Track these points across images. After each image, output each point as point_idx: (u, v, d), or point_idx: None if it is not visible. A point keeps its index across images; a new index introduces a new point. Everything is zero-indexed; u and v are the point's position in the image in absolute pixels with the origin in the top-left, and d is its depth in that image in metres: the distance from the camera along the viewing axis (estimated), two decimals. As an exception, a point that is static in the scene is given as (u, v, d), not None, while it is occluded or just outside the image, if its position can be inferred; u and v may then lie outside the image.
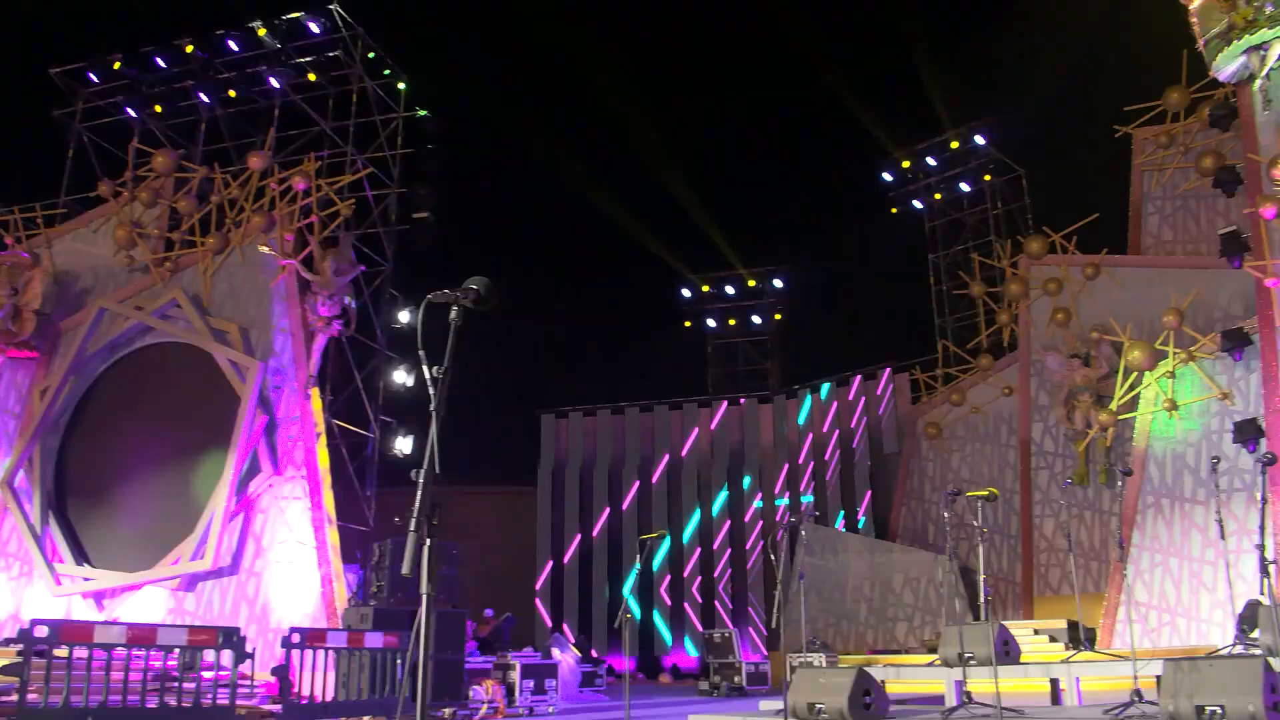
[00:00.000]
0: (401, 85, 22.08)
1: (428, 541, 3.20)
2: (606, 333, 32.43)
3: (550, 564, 26.61)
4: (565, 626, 25.34)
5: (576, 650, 17.68)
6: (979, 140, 26.09)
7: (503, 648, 16.06)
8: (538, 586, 26.42)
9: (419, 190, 21.93)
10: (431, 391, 3.39)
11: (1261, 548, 7.14)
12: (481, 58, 30.99)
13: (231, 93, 22.02)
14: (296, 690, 10.47)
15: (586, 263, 33.16)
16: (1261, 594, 7.00)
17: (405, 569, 3.13)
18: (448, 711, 12.16)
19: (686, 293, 30.50)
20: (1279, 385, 15.11)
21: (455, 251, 26.23)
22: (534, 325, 30.12)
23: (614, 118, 31.90)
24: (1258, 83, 15.89)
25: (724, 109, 33.39)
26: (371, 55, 21.76)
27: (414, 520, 3.20)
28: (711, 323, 30.54)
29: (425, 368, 3.43)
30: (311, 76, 21.69)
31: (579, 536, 26.78)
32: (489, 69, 30.42)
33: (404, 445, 21.60)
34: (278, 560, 16.42)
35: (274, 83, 21.55)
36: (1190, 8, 16.31)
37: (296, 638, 10.55)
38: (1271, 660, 7.06)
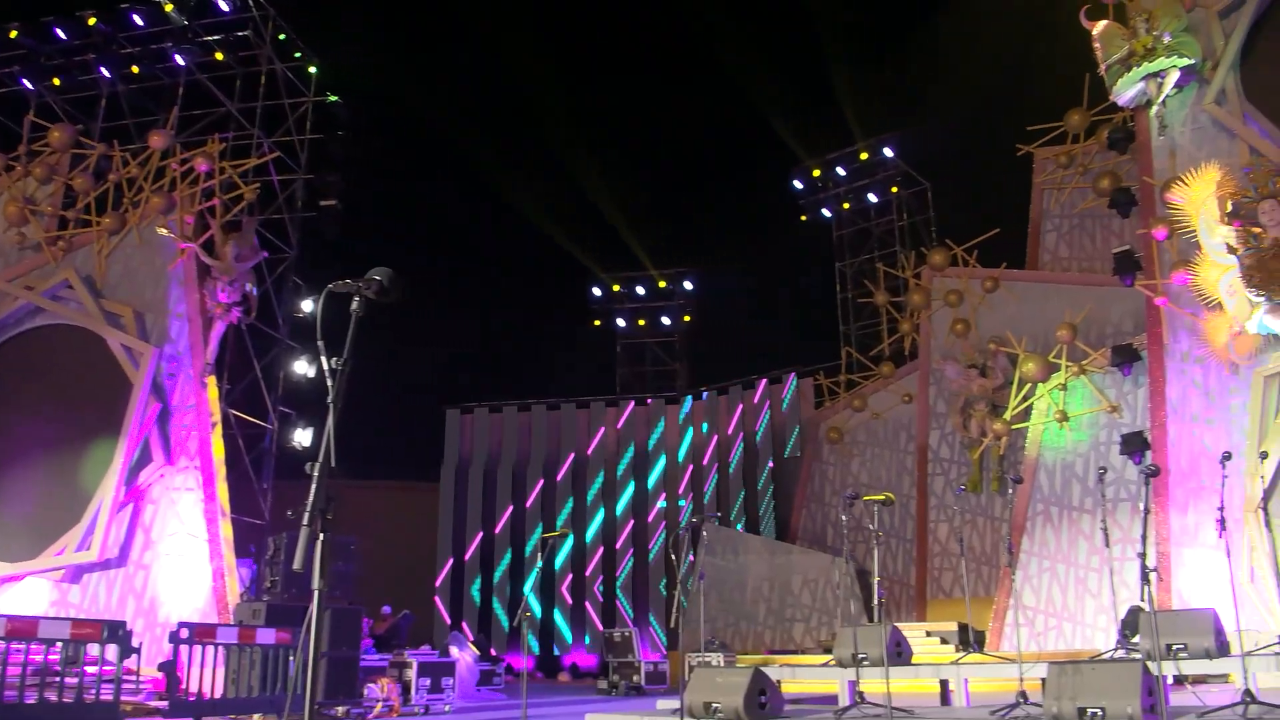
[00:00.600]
0: (312, 69, 21.60)
1: (321, 536, 3.12)
2: (515, 329, 32.30)
3: (451, 561, 26.33)
4: (464, 624, 25.10)
5: (475, 648, 17.51)
6: (888, 153, 26.67)
7: (400, 645, 15.82)
8: (437, 584, 26.11)
9: (327, 177, 21.48)
10: (330, 383, 3.31)
11: (1143, 556, 7.40)
12: (397, 45, 30.52)
13: (134, 68, 21.25)
14: (184, 687, 10.17)
15: (497, 258, 32.95)
16: (1142, 600, 7.26)
17: (297, 564, 3.05)
18: (341, 710, 11.93)
19: (597, 291, 30.50)
20: (1165, 400, 15.72)
21: (362, 241, 25.83)
22: (442, 319, 29.81)
23: (532, 114, 31.80)
24: (1154, 109, 16.52)
25: (642, 110, 33.52)
26: (282, 37, 21.23)
27: (308, 514, 3.11)
28: (621, 322, 30.59)
29: (324, 359, 3.34)
30: (219, 56, 21.05)
31: (480, 534, 26.55)
32: (405, 57, 29.97)
33: (303, 437, 21.14)
34: (168, 553, 15.92)
35: (179, 60, 20.87)
36: (1094, 33, 16.88)
37: (185, 633, 10.25)
38: (1150, 664, 7.33)
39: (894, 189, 26.99)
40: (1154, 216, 16.20)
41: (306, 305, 21.15)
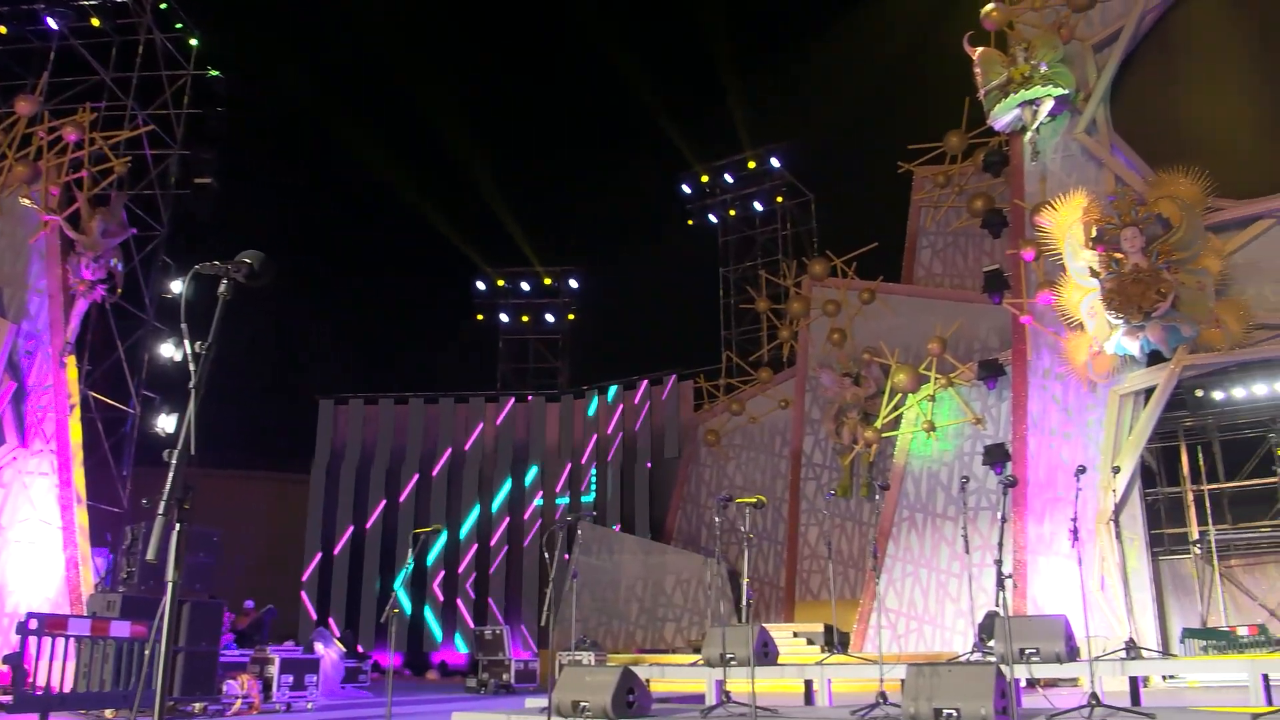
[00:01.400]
0: (194, 41, 20.80)
1: (178, 526, 2.99)
2: (395, 320, 31.70)
3: (319, 555, 25.70)
4: (331, 621, 24.53)
5: (341, 645, 17.13)
6: (775, 163, 27.15)
7: (262, 641, 15.35)
8: (304, 579, 25.47)
9: (202, 154, 20.71)
10: (192, 368, 3.18)
11: (999, 563, 7.69)
12: (282, 24, 29.61)
13: (1, 29, 20.10)
14: (32, 680, 9.68)
15: (379, 247, 32.28)
16: (998, 606, 7.54)
17: (151, 554, 2.92)
18: (198, 706, 11.52)
19: (481, 285, 30.19)
20: (1026, 414, 16.40)
21: (237, 222, 24.98)
22: (318, 307, 29.10)
23: (419, 102, 31.22)
24: (1028, 135, 17.24)
25: (533, 106, 33.36)
26: (164, 5, 20.39)
27: (163, 503, 2.98)
28: (504, 318, 30.36)
29: (187, 342, 3.21)
30: (95, 21, 20.06)
31: (351, 528, 25.99)
32: (290, 36, 29.12)
33: (166, 423, 20.33)
34: (18, 540, 15.11)
35: (51, 23, 19.81)
36: (975, 59, 17.51)
37: (34, 624, 9.78)
38: (1004, 668, 7.61)
39: (779, 199, 27.49)
40: (1023, 238, 16.90)
41: (175, 286, 20.35)
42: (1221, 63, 16.00)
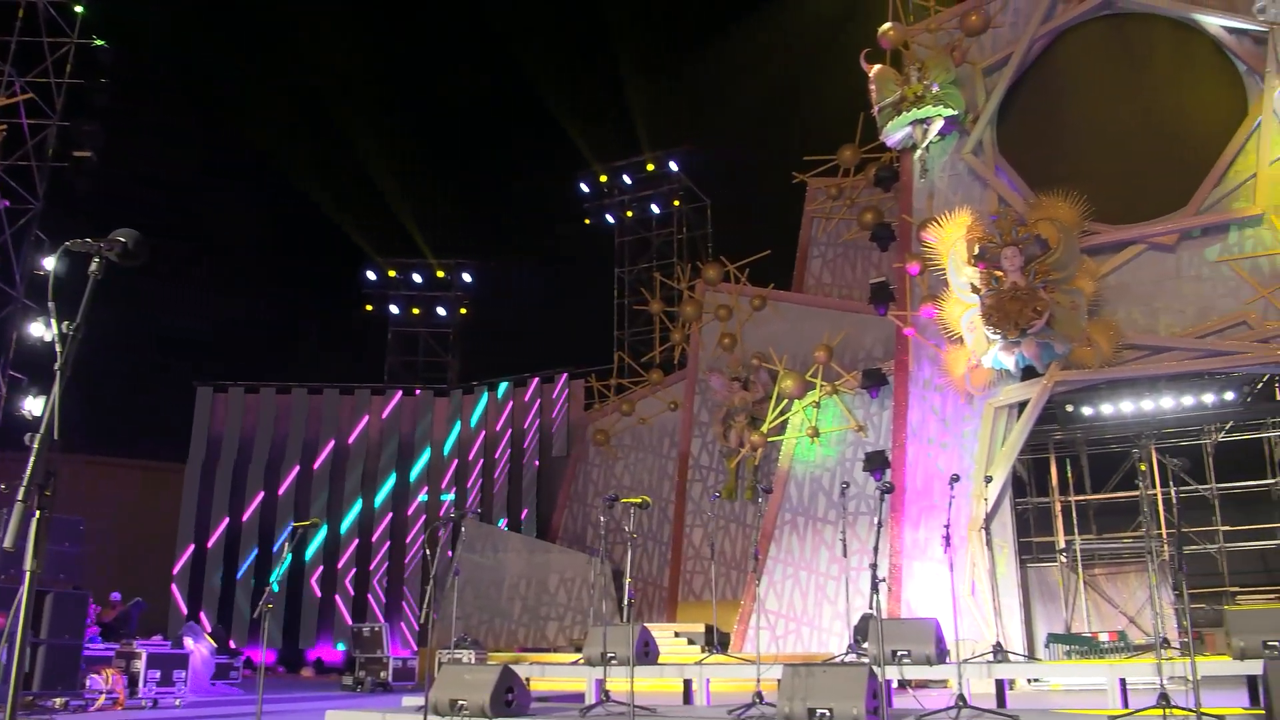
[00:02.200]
0: (79, 8, 19.90)
1: (38, 514, 2.86)
2: (279, 307, 30.88)
3: (192, 547, 24.87)
4: (203, 615, 23.78)
5: (212, 640, 16.62)
6: (673, 166, 27.35)
7: (129, 634, 14.81)
8: (175, 571, 24.62)
9: (83, 126, 19.79)
10: (59, 349, 3.05)
11: (875, 567, 7.88)
12: (173, -3, 28.59)
13: None
14: None
15: (266, 230, 31.41)
16: (872, 608, 7.74)
17: (8, 542, 2.79)
18: (59, 701, 11.05)
19: (371, 275, 29.57)
20: (906, 423, 16.88)
21: (117, 199, 24.00)
22: (200, 290, 28.15)
23: (315, 85, 30.50)
24: (918, 152, 17.76)
25: (432, 97, 32.90)
26: (48, -32, 19.49)
27: (23, 489, 2.85)
28: (394, 309, 29.81)
29: (55, 322, 3.07)
30: (-31, -19, 19.09)
31: (226, 520, 25.22)
32: (183, 10, 28.08)
33: (34, 406, 19.40)
34: None
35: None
36: (870, 75, 17.95)
37: (-127, 614, 9.21)
38: (876, 669, 7.82)
39: (676, 202, 27.70)
40: (909, 252, 17.41)
41: (49, 263, 19.43)
42: (1101, 93, 16.73)
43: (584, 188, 28.43)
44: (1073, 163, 16.45)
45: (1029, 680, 13.63)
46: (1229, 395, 17.20)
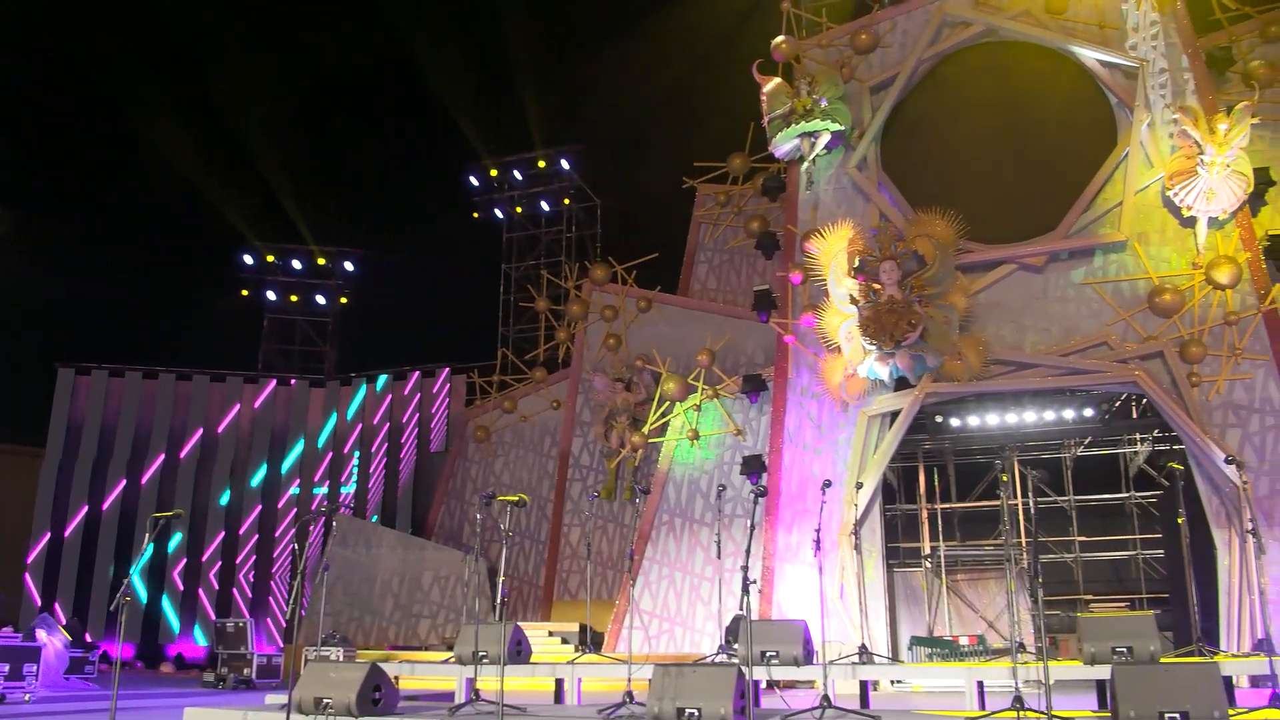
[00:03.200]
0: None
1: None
2: (149, 287, 29.69)
3: (48, 536, 23.72)
4: (57, 607, 22.70)
5: (67, 633, 15.90)
6: (564, 164, 27.30)
7: (-26, 626, 14.05)
8: (29, 560, 23.43)
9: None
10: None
11: (746, 569, 8.00)
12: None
13: None
14: None
15: (137, 208, 30.13)
16: (743, 610, 7.86)
17: None
18: (-114, 696, 10.40)
19: (249, 259, 28.66)
20: (783, 429, 17.19)
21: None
22: (63, 267, 26.86)
23: (197, 61, 29.43)
24: (805, 165, 18.13)
25: (319, 79, 32.09)
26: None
27: None
28: (272, 296, 28.94)
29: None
30: None
31: (86, 508, 24.13)
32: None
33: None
34: None
35: None
36: (763, 87, 18.26)
37: None
38: (745, 669, 7.93)
39: (566, 201, 27.66)
40: (792, 262, 17.76)
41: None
42: (980, 117, 17.35)
43: (474, 181, 28.13)
44: (951, 183, 17.02)
45: (892, 682, 14.00)
46: (1088, 412, 18.01)
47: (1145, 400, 16.36)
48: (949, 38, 17.80)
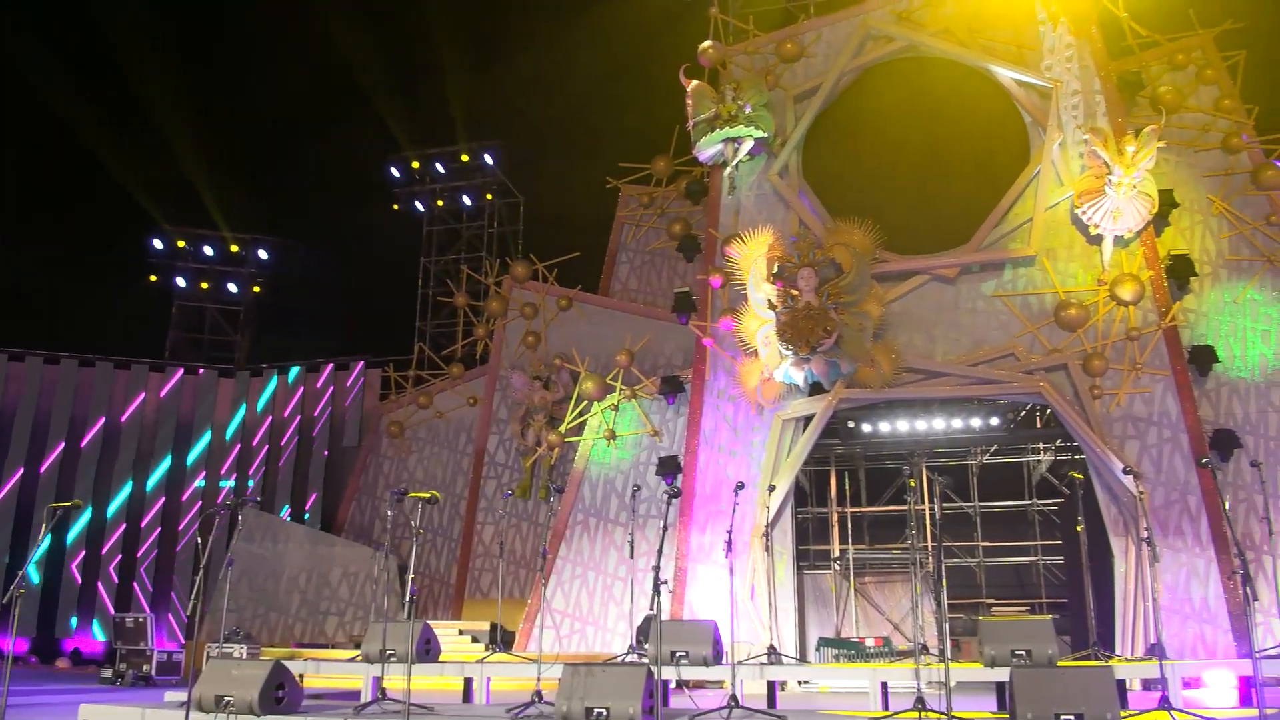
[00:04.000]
0: None
1: None
2: (51, 269, 28.63)
3: (-66, 525, 22.78)
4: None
5: (-49, 627, 15.26)
6: (488, 159, 27.09)
7: None
8: (-88, 550, 22.48)
9: None
10: None
11: (657, 569, 8.06)
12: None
13: None
14: None
15: (41, 185, 29.06)
16: (652, 609, 7.90)
17: None
18: None
19: (158, 244, 27.81)
20: (699, 430, 17.33)
21: None
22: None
23: (112, 41, 28.48)
24: (728, 170, 18.32)
25: (239, 61, 31.34)
26: None
27: None
28: (181, 282, 28.11)
29: None
30: None
31: (-23, 497, 23.24)
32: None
33: None
34: None
35: None
36: (688, 90, 18.38)
37: None
38: (654, 669, 7.98)
39: (489, 196, 27.44)
40: (713, 266, 17.92)
41: None
42: (899, 130, 17.70)
43: (395, 172, 27.72)
44: (869, 193, 17.36)
45: (799, 682, 14.21)
46: (995, 421, 18.50)
47: (1049, 411, 16.85)
48: (872, 51, 18.15)
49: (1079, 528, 13.88)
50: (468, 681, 11.27)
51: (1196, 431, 15.18)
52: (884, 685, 10.08)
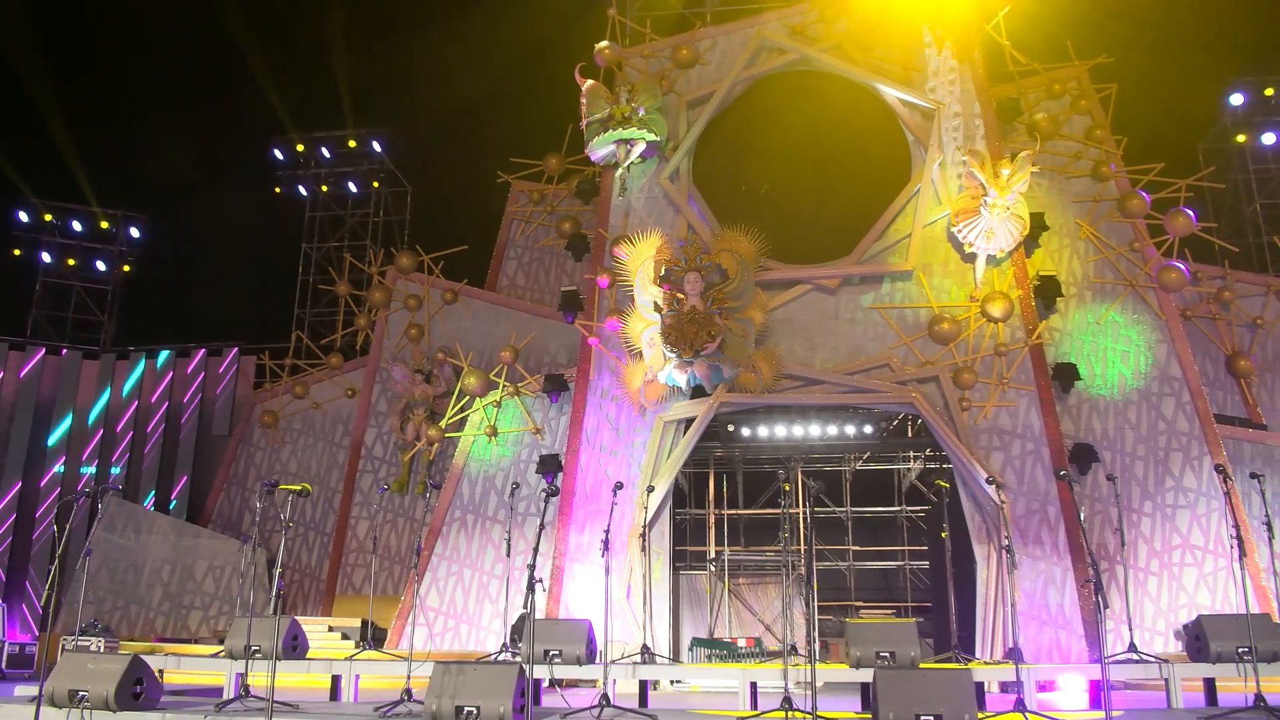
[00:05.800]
0: None
1: None
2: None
3: None
4: None
5: None
6: (376, 146, 26.57)
7: None
8: None
9: None
10: None
11: (532, 568, 8.06)
12: None
13: None
14: None
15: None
16: (526, 607, 7.90)
17: None
18: None
19: (24, 216, 26.47)
20: (581, 429, 17.36)
21: None
22: None
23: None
24: (619, 171, 18.41)
25: (115, 30, 30.02)
26: None
27: None
28: (46, 258, 26.80)
29: None
30: None
31: None
32: None
33: None
34: None
35: None
36: (583, 89, 18.39)
37: None
38: (526, 667, 7.97)
39: (375, 184, 26.94)
40: (601, 266, 17.99)
41: None
42: (787, 140, 18.08)
43: (278, 154, 26.95)
44: (756, 201, 17.69)
45: (671, 682, 14.36)
46: (868, 429, 19.02)
47: (920, 421, 17.42)
48: (765, 61, 18.48)
49: (944, 534, 14.42)
50: (336, 679, 11.06)
51: (1057, 445, 15.90)
52: (753, 685, 10.27)
